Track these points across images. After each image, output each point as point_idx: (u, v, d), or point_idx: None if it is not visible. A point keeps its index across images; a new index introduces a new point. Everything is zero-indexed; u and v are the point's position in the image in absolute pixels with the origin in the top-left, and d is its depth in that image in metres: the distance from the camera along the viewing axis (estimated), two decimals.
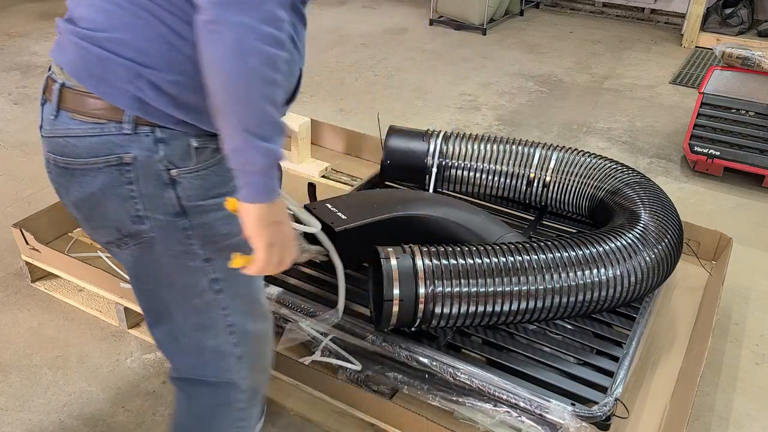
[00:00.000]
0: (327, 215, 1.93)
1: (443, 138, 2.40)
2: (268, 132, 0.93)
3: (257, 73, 0.90)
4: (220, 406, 1.30)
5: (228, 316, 1.20)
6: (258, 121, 0.92)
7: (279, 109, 0.95)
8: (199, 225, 1.09)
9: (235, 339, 1.23)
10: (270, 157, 0.94)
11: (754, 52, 3.26)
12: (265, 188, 0.97)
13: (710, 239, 2.38)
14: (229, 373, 1.26)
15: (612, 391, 1.59)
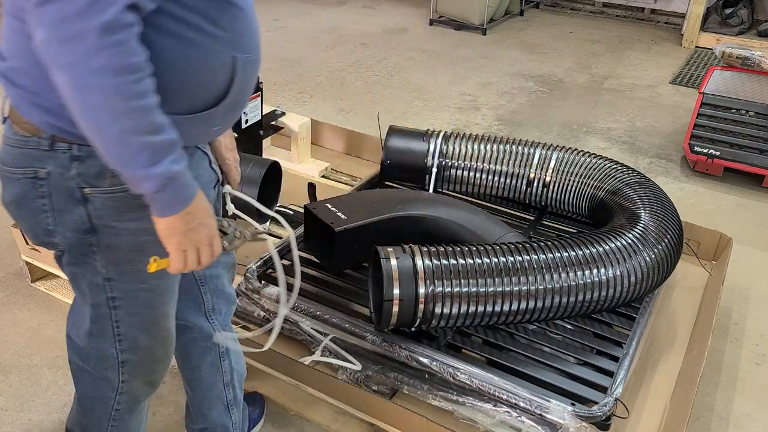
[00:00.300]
0: (327, 215, 1.93)
1: (443, 138, 2.40)
2: (145, 160, 0.91)
3: (104, 110, 0.87)
4: (97, 399, 1.34)
5: (119, 327, 1.21)
6: (128, 155, 0.91)
7: (157, 132, 0.92)
8: (106, 246, 1.10)
9: (123, 346, 1.24)
10: (157, 180, 0.93)
11: (754, 52, 3.26)
12: (165, 205, 0.97)
13: (710, 239, 2.38)
14: (108, 372, 1.27)
15: (612, 391, 1.59)
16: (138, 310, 1.20)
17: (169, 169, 0.94)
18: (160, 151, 0.93)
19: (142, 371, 1.31)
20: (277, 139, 2.98)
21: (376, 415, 1.68)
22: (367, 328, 1.75)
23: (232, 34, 1.04)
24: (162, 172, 0.93)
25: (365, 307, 1.85)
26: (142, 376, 1.33)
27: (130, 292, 1.16)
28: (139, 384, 1.34)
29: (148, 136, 0.91)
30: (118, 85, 0.86)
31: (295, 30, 5.51)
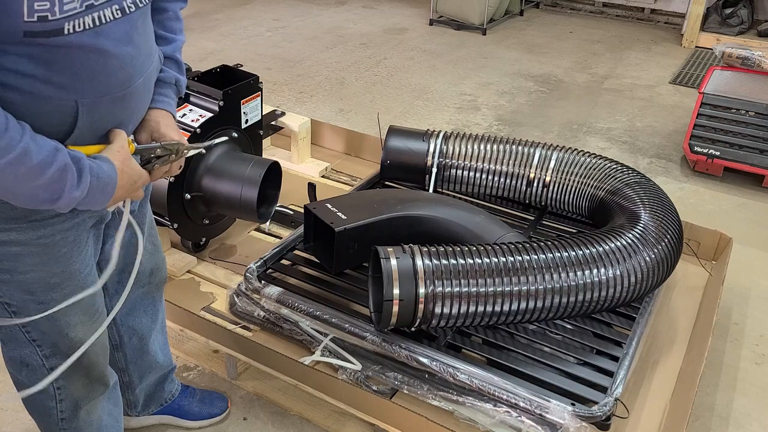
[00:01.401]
0: (327, 215, 1.93)
1: (443, 138, 2.39)
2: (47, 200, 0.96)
3: None
4: (41, 412, 1.35)
5: (30, 333, 1.21)
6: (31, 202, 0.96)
7: (39, 172, 0.93)
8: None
9: (46, 352, 1.24)
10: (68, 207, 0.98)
11: (754, 52, 3.26)
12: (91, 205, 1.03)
13: (710, 239, 2.38)
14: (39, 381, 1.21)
15: (612, 391, 1.59)
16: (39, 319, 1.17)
17: (72, 197, 0.97)
18: (53, 188, 0.95)
19: (76, 375, 1.30)
20: (277, 139, 2.98)
21: (376, 415, 1.68)
22: (367, 328, 1.75)
23: (73, 79, 0.99)
24: (68, 203, 0.97)
25: (365, 307, 1.85)
26: (79, 378, 1.32)
27: (21, 302, 1.15)
28: (79, 387, 1.33)
29: (32, 181, 0.93)
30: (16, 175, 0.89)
31: (295, 30, 5.51)
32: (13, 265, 1.10)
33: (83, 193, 0.99)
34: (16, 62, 0.93)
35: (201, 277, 2.17)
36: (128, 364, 1.62)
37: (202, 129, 2.04)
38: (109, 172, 1.03)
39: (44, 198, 0.96)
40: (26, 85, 0.95)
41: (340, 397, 1.73)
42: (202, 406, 1.80)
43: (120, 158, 1.07)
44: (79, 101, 1.01)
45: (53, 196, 0.96)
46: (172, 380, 1.77)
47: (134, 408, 1.73)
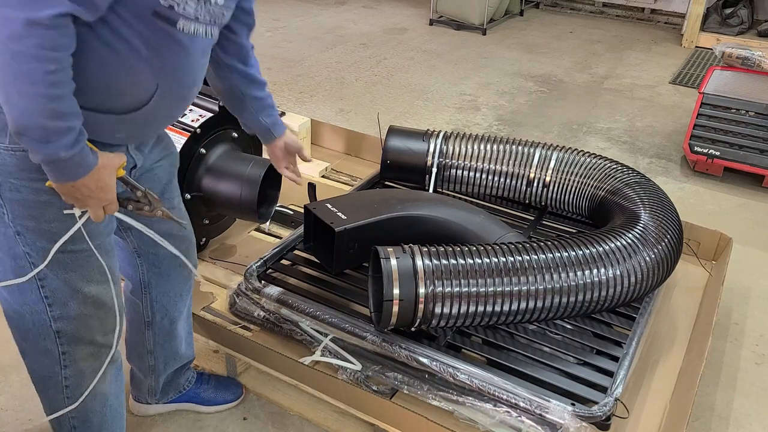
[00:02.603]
0: (327, 215, 1.93)
1: (443, 138, 2.39)
2: (38, 137, 1.03)
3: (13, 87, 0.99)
4: (46, 378, 1.37)
5: (44, 288, 1.26)
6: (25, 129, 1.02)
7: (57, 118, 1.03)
8: (10, 200, 1.17)
9: (54, 312, 1.28)
10: (42, 156, 1.06)
11: (754, 52, 3.26)
12: (51, 175, 1.10)
13: (710, 239, 2.38)
14: (47, 342, 1.31)
15: (612, 391, 1.59)
16: (56, 271, 1.24)
17: (55, 152, 1.05)
18: (53, 135, 1.04)
19: (80, 341, 1.33)
20: None
21: (376, 415, 1.68)
22: (367, 328, 1.75)
23: (164, 65, 1.17)
24: (48, 153, 1.05)
25: (365, 307, 1.85)
26: (83, 347, 1.34)
27: (42, 251, 1.21)
28: (82, 355, 1.35)
29: (46, 119, 1.02)
30: (29, 71, 0.98)
31: (295, 30, 5.51)
32: (40, 213, 1.18)
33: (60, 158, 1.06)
34: (131, 35, 1.10)
35: (201, 277, 2.17)
36: (156, 345, 1.66)
37: (202, 129, 2.04)
38: (90, 161, 1.11)
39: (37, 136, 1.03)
40: (130, 55, 1.11)
41: (340, 397, 1.73)
42: (218, 392, 1.84)
43: (104, 162, 1.15)
44: (160, 86, 1.18)
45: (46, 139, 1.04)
46: (189, 369, 1.83)
47: (153, 395, 1.77)
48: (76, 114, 1.07)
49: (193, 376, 1.84)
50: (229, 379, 1.91)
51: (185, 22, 1.14)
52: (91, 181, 1.13)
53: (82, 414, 1.43)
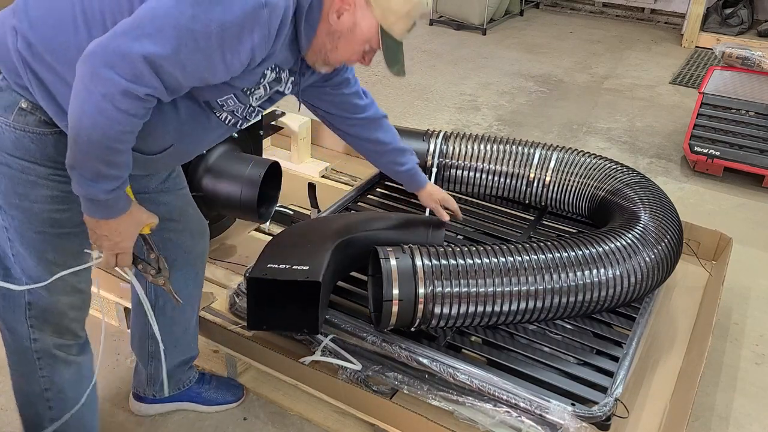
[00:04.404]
0: (290, 273, 1.64)
1: (443, 138, 2.39)
2: (88, 175, 1.15)
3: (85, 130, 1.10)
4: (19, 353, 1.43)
5: (18, 262, 1.32)
6: (80, 162, 1.14)
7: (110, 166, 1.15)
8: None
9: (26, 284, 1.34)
10: (83, 191, 1.17)
11: (754, 52, 3.26)
12: (83, 206, 1.21)
13: (710, 239, 2.38)
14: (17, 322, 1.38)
15: (612, 391, 1.59)
16: (30, 249, 1.30)
17: (96, 193, 1.17)
18: (101, 179, 1.16)
19: (47, 322, 1.38)
20: (277, 139, 2.98)
21: (376, 415, 1.68)
22: (367, 328, 1.75)
23: (187, 131, 1.32)
24: (90, 192, 1.17)
25: (365, 307, 1.85)
26: (50, 327, 1.39)
27: (20, 229, 1.28)
28: (49, 335, 1.40)
29: (103, 166, 1.14)
30: (107, 125, 1.10)
31: None
32: (25, 191, 1.25)
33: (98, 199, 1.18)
34: (177, 105, 1.26)
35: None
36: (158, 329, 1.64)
37: None
38: (121, 207, 1.23)
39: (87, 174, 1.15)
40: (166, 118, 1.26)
41: (340, 397, 1.73)
42: (218, 392, 1.85)
43: (134, 212, 1.27)
44: (175, 145, 1.33)
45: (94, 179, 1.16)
46: (191, 367, 1.83)
47: (152, 385, 1.78)
48: (128, 166, 1.19)
49: (195, 376, 1.85)
50: (230, 379, 1.91)
51: (222, 112, 1.32)
52: (116, 224, 1.24)
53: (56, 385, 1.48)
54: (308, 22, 1.26)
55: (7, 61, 1.20)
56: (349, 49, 1.33)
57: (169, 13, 1.08)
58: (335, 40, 1.31)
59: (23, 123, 1.21)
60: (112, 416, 1.82)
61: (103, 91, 1.07)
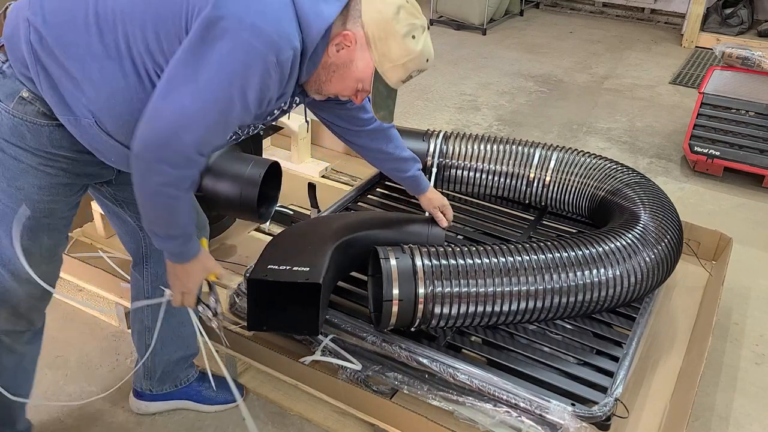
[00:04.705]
0: (291, 275, 1.63)
1: (443, 138, 2.39)
2: (160, 234, 1.32)
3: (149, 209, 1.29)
4: None
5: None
6: (152, 226, 1.32)
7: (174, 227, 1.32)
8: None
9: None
10: (159, 244, 1.35)
11: (754, 52, 3.26)
12: (167, 255, 1.38)
13: (710, 239, 2.38)
14: None
15: (612, 391, 1.59)
16: (7, 231, 1.35)
17: (169, 247, 1.36)
18: (170, 238, 1.34)
19: (4, 304, 1.42)
20: (277, 139, 2.98)
21: (376, 415, 1.68)
22: (367, 328, 1.75)
23: None
24: (164, 247, 1.36)
25: (365, 307, 1.85)
26: (5, 311, 1.44)
27: (2, 210, 1.34)
28: (4, 319, 1.44)
29: (167, 228, 1.32)
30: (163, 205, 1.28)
31: None
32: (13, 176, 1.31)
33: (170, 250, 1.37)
34: None
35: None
36: (154, 322, 1.66)
37: None
38: (190, 254, 1.39)
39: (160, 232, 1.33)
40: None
41: (340, 397, 1.73)
42: (218, 391, 1.84)
43: (201, 258, 1.41)
44: None
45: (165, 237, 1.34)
46: (191, 365, 1.84)
47: (149, 378, 1.78)
48: (190, 225, 1.35)
49: (194, 375, 1.85)
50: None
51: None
52: (187, 268, 1.40)
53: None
54: (312, 61, 1.33)
55: (17, 51, 1.23)
56: (342, 84, 1.39)
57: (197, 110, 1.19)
58: (330, 72, 1.37)
59: (22, 112, 1.26)
60: (112, 416, 1.82)
61: (159, 181, 1.22)
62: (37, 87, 1.24)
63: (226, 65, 1.17)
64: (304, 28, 1.25)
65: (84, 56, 1.20)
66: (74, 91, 1.23)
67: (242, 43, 1.16)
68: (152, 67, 1.22)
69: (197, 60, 1.16)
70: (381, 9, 1.31)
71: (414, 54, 1.35)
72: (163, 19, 1.19)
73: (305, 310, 1.66)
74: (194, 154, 1.23)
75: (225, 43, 1.16)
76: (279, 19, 1.20)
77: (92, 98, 1.23)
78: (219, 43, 1.16)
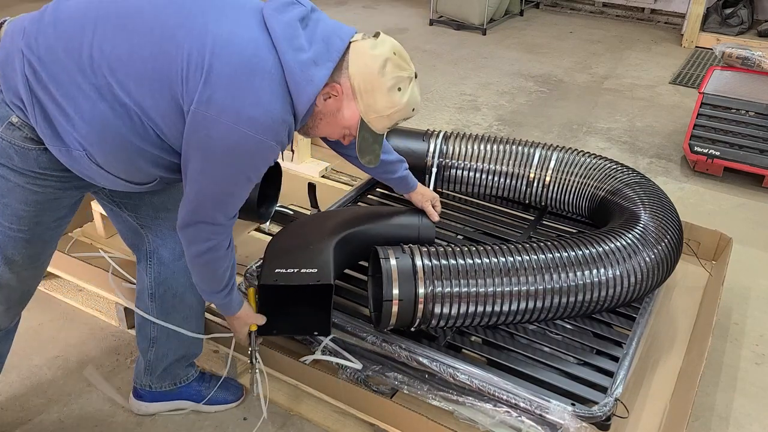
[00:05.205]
0: (300, 278, 1.63)
1: (443, 138, 2.39)
2: (209, 292, 1.54)
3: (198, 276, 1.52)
4: None
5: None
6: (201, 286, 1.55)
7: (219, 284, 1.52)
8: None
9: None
10: (208, 299, 1.61)
11: (754, 52, 3.26)
12: (218, 308, 1.60)
13: (710, 239, 2.38)
14: None
15: (612, 391, 1.59)
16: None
17: (213, 300, 1.57)
18: (213, 293, 1.54)
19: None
20: None
21: (376, 415, 1.68)
22: (367, 328, 1.75)
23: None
24: (211, 299, 1.58)
25: (365, 307, 1.85)
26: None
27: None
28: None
29: (211, 285, 1.52)
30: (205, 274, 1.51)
31: None
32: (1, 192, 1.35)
33: (218, 303, 1.58)
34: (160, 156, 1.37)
35: None
36: (158, 316, 1.70)
37: None
38: (233, 309, 1.59)
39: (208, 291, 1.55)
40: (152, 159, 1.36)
41: (340, 397, 1.73)
42: (218, 391, 1.84)
43: (241, 314, 1.61)
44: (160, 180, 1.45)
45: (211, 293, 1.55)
46: (191, 365, 1.84)
47: (149, 374, 1.78)
48: (230, 278, 1.54)
49: (194, 374, 1.85)
50: (230, 379, 1.91)
51: None
52: (232, 320, 1.63)
53: None
54: (303, 119, 1.41)
55: (11, 80, 1.26)
56: (329, 130, 1.47)
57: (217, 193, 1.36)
58: (318, 120, 1.43)
59: (10, 136, 1.29)
60: (112, 416, 1.82)
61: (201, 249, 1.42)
62: (30, 117, 1.26)
63: (235, 160, 1.30)
64: (295, 97, 1.31)
65: (76, 95, 1.24)
66: (66, 125, 1.25)
67: (243, 137, 1.26)
68: (144, 117, 1.27)
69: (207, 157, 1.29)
70: (368, 63, 1.35)
71: (399, 106, 1.42)
72: (158, 78, 1.24)
73: (317, 311, 1.66)
74: (224, 220, 1.41)
75: (229, 140, 1.26)
76: (272, 104, 1.27)
77: (83, 133, 1.26)
78: (225, 142, 1.26)
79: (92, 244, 2.29)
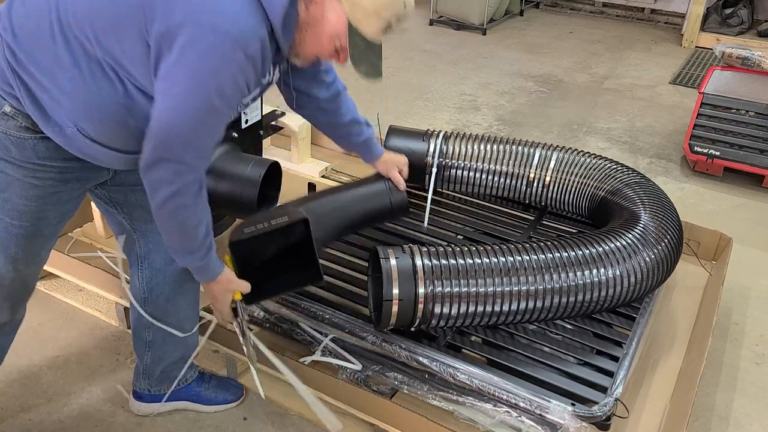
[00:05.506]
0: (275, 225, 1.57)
1: (443, 138, 2.39)
2: (182, 252, 1.39)
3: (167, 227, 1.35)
4: None
5: None
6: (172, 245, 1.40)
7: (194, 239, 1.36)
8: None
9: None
10: (181, 261, 1.42)
11: (754, 52, 3.26)
12: (194, 273, 1.46)
13: (710, 239, 2.38)
14: None
15: (612, 391, 1.59)
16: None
17: (187, 262, 1.42)
18: (187, 252, 1.39)
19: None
20: (277, 139, 2.98)
21: (376, 415, 1.68)
22: (367, 328, 1.75)
23: None
24: (184, 261, 1.42)
25: (365, 307, 1.85)
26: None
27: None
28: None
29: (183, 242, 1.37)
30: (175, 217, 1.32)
31: None
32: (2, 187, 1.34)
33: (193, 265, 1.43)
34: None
35: None
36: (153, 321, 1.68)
37: None
38: (215, 269, 1.45)
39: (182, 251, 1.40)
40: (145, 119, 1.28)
41: (340, 397, 1.73)
42: (218, 391, 1.84)
43: (221, 279, 1.47)
44: None
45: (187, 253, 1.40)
46: (191, 366, 1.82)
47: (147, 378, 1.77)
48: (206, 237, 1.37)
49: (194, 374, 1.84)
50: (230, 379, 1.91)
51: None
52: (212, 287, 1.48)
53: None
54: (286, 30, 1.28)
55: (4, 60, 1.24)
56: (318, 43, 1.33)
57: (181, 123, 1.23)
58: (303, 32, 1.31)
59: (5, 126, 1.28)
60: (112, 416, 1.82)
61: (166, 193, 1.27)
62: (20, 102, 1.25)
63: (198, 76, 1.18)
64: (267, 5, 1.21)
65: (53, 68, 1.22)
66: (50, 102, 1.24)
67: (207, 47, 1.16)
68: (117, 68, 1.23)
69: (170, 75, 1.18)
70: None
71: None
72: (120, 20, 1.19)
73: (300, 256, 1.57)
74: (191, 159, 1.26)
75: (191, 52, 1.16)
76: (238, 13, 1.18)
77: (69, 108, 1.25)
78: (187, 55, 1.16)
79: (92, 244, 2.29)
